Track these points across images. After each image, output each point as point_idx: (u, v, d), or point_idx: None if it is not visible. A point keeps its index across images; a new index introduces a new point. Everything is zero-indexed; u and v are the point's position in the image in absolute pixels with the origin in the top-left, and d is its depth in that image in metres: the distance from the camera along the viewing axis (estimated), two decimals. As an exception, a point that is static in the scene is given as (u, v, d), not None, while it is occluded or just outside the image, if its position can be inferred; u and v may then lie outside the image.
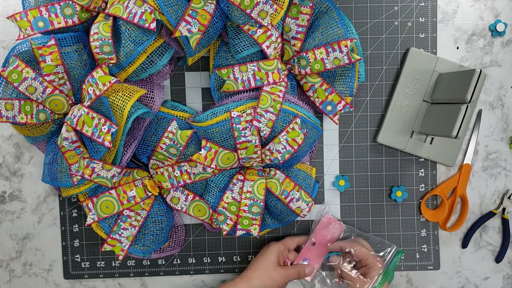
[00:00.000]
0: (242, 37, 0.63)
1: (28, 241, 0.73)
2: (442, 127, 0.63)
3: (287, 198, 0.67)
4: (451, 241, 0.75)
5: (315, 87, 0.66)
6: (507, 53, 0.72)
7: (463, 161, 0.73)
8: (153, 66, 0.63)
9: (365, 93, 0.72)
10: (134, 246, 0.68)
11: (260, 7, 0.60)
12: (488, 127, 0.73)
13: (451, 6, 0.72)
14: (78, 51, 0.62)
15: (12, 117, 0.61)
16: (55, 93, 0.62)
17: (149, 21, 0.57)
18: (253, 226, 0.67)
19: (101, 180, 0.63)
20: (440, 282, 0.75)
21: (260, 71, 0.64)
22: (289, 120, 0.64)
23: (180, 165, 0.65)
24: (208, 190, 0.68)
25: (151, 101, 0.65)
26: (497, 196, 0.74)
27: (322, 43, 0.63)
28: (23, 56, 0.61)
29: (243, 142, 0.63)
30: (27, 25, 0.60)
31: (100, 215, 0.65)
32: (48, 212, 0.73)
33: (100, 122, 0.59)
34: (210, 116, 0.64)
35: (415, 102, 0.71)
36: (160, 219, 0.67)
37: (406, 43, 0.72)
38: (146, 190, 0.66)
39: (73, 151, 0.62)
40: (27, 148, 0.72)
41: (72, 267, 0.73)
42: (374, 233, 0.74)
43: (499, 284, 0.76)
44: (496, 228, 0.75)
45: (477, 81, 0.60)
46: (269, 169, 0.68)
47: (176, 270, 0.74)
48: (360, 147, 0.73)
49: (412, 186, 0.73)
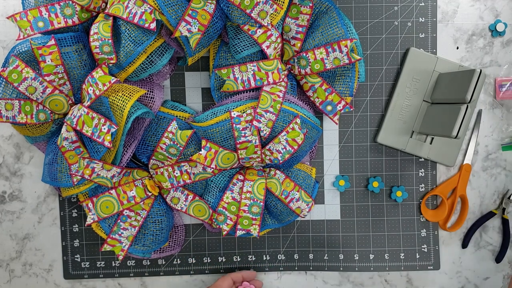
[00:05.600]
0: (242, 37, 0.63)
1: (28, 241, 0.73)
2: (442, 127, 0.63)
3: (287, 198, 0.67)
4: (451, 241, 0.75)
5: (315, 87, 0.66)
6: (507, 53, 0.72)
7: (463, 161, 0.73)
8: (153, 66, 0.63)
9: (365, 93, 0.72)
10: (134, 246, 0.68)
11: (260, 7, 0.60)
12: (488, 127, 0.73)
13: (451, 6, 0.72)
14: (78, 51, 0.62)
15: (12, 117, 0.61)
16: (55, 93, 0.62)
17: (149, 21, 0.57)
18: (253, 226, 0.67)
19: (101, 180, 0.63)
20: (440, 282, 0.75)
21: (260, 71, 0.64)
22: (289, 120, 0.64)
23: (180, 165, 0.65)
24: (208, 190, 0.68)
25: (151, 101, 0.65)
26: (497, 196, 0.74)
27: (322, 43, 0.63)
28: (23, 56, 0.61)
29: (243, 142, 0.63)
30: (27, 25, 0.60)
31: (100, 215, 0.65)
32: (48, 212, 0.73)
33: (100, 122, 0.59)
34: (210, 116, 0.64)
35: (415, 102, 0.71)
36: (160, 219, 0.67)
37: (406, 43, 0.72)
38: (146, 190, 0.66)
39: (73, 151, 0.62)
40: (27, 148, 0.72)
41: (72, 267, 0.73)
42: (374, 233, 0.74)
43: (499, 284, 0.76)
44: (496, 228, 0.75)
45: (477, 81, 0.60)
46: (269, 169, 0.68)
47: (176, 270, 0.74)
48: (360, 147, 0.73)
49: (412, 186, 0.73)
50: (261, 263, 0.74)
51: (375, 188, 0.72)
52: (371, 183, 0.72)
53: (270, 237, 0.74)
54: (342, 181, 0.72)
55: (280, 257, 0.74)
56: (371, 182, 0.72)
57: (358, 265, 0.74)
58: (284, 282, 0.75)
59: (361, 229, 0.74)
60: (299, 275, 0.75)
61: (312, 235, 0.74)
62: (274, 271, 0.74)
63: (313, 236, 0.74)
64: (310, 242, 0.74)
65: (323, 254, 0.74)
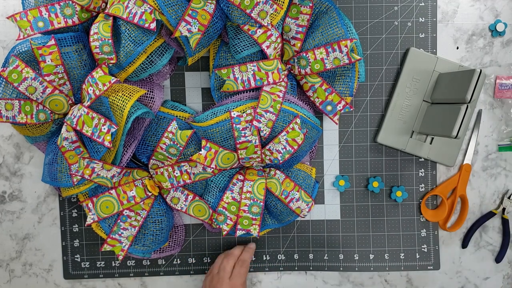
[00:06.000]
0: (242, 37, 0.63)
1: (28, 241, 0.73)
2: (442, 127, 0.63)
3: (287, 198, 0.67)
4: (451, 241, 0.75)
5: (315, 87, 0.66)
6: (507, 53, 0.72)
7: (463, 161, 0.73)
8: (153, 66, 0.63)
9: (365, 93, 0.72)
10: (134, 246, 0.68)
11: (260, 7, 0.60)
12: (488, 127, 0.73)
13: (451, 6, 0.72)
14: (78, 51, 0.62)
15: (12, 117, 0.61)
16: (55, 93, 0.62)
17: (149, 21, 0.57)
18: (253, 226, 0.67)
19: (101, 180, 0.63)
20: (440, 282, 0.75)
21: (260, 71, 0.64)
22: (289, 120, 0.64)
23: (180, 165, 0.65)
24: (208, 190, 0.68)
25: (151, 101, 0.65)
26: (497, 196, 0.74)
27: (322, 43, 0.63)
28: (23, 56, 0.61)
29: (243, 142, 0.63)
30: (27, 25, 0.60)
31: (100, 215, 0.65)
32: (48, 212, 0.73)
33: (100, 122, 0.59)
34: (210, 116, 0.64)
35: (415, 102, 0.71)
36: (160, 219, 0.67)
37: (406, 43, 0.72)
38: (146, 190, 0.66)
39: (73, 151, 0.62)
40: (27, 148, 0.72)
41: (72, 267, 0.73)
42: (374, 233, 0.74)
43: (499, 284, 0.76)
44: (496, 228, 0.75)
45: (477, 81, 0.60)
46: (269, 169, 0.68)
47: (176, 270, 0.74)
48: (360, 147, 0.73)
49: (412, 186, 0.73)
50: (261, 263, 0.74)
51: (375, 188, 0.72)
52: (371, 183, 0.72)
53: (270, 237, 0.74)
54: (342, 181, 0.72)
55: (280, 257, 0.74)
56: (371, 182, 0.72)
57: (358, 265, 0.74)
58: (284, 282, 0.75)
59: (361, 229, 0.74)
60: (299, 275, 0.75)
61: (312, 235, 0.74)
62: (274, 271, 0.74)
63: (313, 236, 0.74)
64: (310, 242, 0.74)
65: (323, 254, 0.74)
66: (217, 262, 0.69)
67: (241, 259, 0.69)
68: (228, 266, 0.67)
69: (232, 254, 0.69)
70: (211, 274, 0.68)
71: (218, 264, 0.68)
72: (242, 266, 0.68)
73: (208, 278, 0.68)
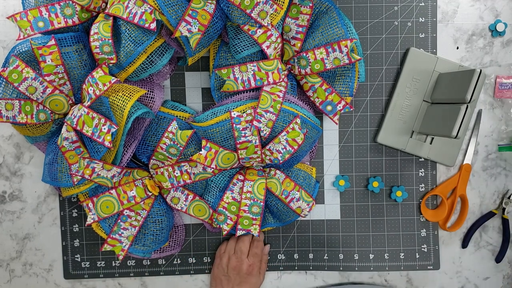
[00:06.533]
0: (242, 37, 0.63)
1: (28, 241, 0.73)
2: (442, 127, 0.63)
3: (287, 198, 0.67)
4: (451, 241, 0.75)
5: (315, 87, 0.66)
6: (507, 53, 0.72)
7: (463, 161, 0.73)
8: (153, 66, 0.63)
9: (365, 93, 0.72)
10: (134, 246, 0.68)
11: (260, 7, 0.60)
12: (488, 127, 0.73)
13: (451, 6, 0.72)
14: (78, 51, 0.62)
15: (12, 117, 0.61)
16: (55, 93, 0.62)
17: (149, 21, 0.57)
18: (253, 226, 0.67)
19: (101, 180, 0.63)
20: (440, 282, 0.75)
21: (260, 71, 0.64)
22: (289, 120, 0.64)
23: (180, 165, 0.65)
24: (208, 190, 0.68)
25: (151, 101, 0.65)
26: (497, 196, 0.74)
27: (322, 43, 0.63)
28: (23, 56, 0.61)
29: (243, 142, 0.63)
30: (27, 25, 0.60)
31: (100, 215, 0.65)
32: (48, 212, 0.73)
33: (100, 122, 0.59)
34: (210, 116, 0.64)
35: (415, 102, 0.71)
36: (160, 219, 0.67)
37: (406, 43, 0.72)
38: (146, 190, 0.66)
39: (73, 151, 0.62)
40: (27, 148, 0.72)
41: (72, 267, 0.73)
42: (374, 233, 0.74)
43: (499, 284, 0.76)
44: (496, 228, 0.75)
45: (477, 81, 0.60)
46: (269, 169, 0.68)
47: (176, 270, 0.74)
48: (360, 147, 0.73)
49: (412, 186, 0.73)
50: (261, 263, 0.74)
51: (375, 188, 0.72)
52: (371, 183, 0.72)
53: (270, 237, 0.74)
54: (342, 181, 0.72)
55: (280, 257, 0.74)
56: (371, 182, 0.72)
57: (358, 265, 0.74)
58: (284, 282, 0.75)
59: (361, 229, 0.74)
60: (299, 275, 0.75)
61: (312, 235, 0.74)
62: (274, 270, 0.74)
63: (313, 236, 0.74)
64: (310, 242, 0.74)
65: (323, 254, 0.74)
66: (230, 244, 0.71)
67: (255, 239, 0.71)
68: (244, 247, 0.69)
69: (245, 237, 0.71)
70: (227, 256, 0.70)
71: (233, 246, 0.70)
72: (257, 247, 0.70)
73: (223, 261, 0.70)
